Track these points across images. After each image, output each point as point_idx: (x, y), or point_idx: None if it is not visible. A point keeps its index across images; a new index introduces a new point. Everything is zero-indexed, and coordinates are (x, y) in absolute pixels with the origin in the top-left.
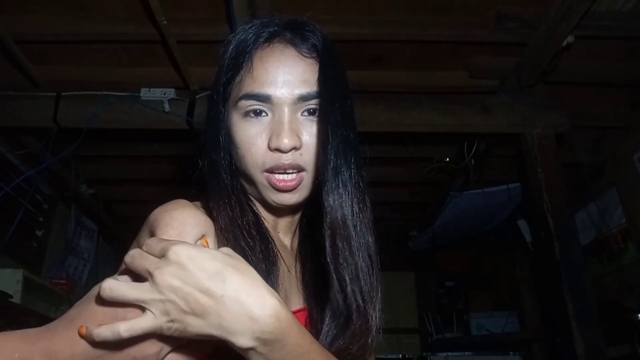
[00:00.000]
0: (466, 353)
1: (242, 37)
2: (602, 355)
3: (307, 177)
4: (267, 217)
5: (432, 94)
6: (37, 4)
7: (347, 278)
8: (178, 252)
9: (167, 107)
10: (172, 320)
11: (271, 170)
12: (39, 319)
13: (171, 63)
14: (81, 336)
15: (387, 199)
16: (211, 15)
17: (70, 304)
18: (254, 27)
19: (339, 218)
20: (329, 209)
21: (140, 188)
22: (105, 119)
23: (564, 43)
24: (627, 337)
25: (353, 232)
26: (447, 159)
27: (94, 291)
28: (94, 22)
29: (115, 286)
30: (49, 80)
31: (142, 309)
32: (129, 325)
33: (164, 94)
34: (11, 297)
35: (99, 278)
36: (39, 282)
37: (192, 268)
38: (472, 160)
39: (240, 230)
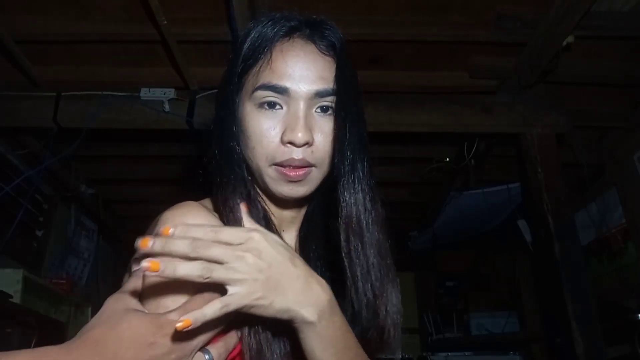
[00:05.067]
0: (466, 353)
1: (262, 28)
2: (602, 355)
3: (316, 172)
4: (273, 211)
5: (432, 94)
6: (37, 4)
7: (358, 273)
8: (258, 239)
9: (167, 107)
10: (260, 297)
11: (281, 164)
12: (39, 319)
13: (171, 63)
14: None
15: (387, 199)
16: (211, 15)
17: (70, 304)
18: (274, 20)
19: (354, 214)
20: (344, 204)
21: (140, 188)
22: (105, 119)
23: (564, 43)
24: (627, 337)
25: (365, 229)
26: (447, 159)
27: (114, 308)
28: (94, 22)
29: (215, 270)
30: (49, 80)
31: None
32: (224, 301)
33: (164, 94)
34: (11, 297)
35: (98, 278)
36: (39, 282)
37: (273, 252)
38: (472, 160)
39: None
